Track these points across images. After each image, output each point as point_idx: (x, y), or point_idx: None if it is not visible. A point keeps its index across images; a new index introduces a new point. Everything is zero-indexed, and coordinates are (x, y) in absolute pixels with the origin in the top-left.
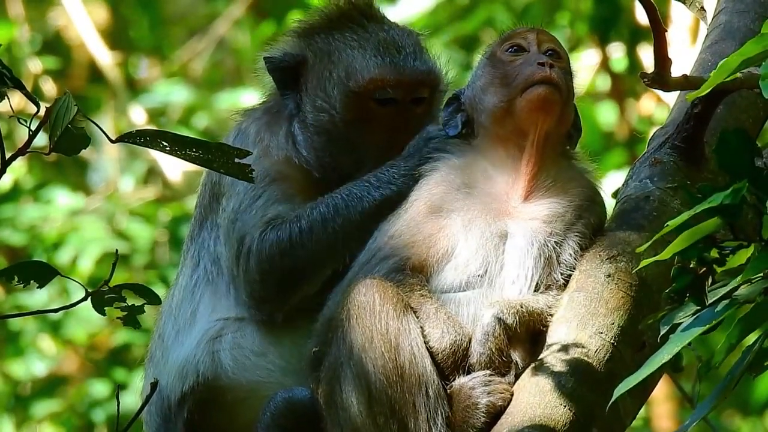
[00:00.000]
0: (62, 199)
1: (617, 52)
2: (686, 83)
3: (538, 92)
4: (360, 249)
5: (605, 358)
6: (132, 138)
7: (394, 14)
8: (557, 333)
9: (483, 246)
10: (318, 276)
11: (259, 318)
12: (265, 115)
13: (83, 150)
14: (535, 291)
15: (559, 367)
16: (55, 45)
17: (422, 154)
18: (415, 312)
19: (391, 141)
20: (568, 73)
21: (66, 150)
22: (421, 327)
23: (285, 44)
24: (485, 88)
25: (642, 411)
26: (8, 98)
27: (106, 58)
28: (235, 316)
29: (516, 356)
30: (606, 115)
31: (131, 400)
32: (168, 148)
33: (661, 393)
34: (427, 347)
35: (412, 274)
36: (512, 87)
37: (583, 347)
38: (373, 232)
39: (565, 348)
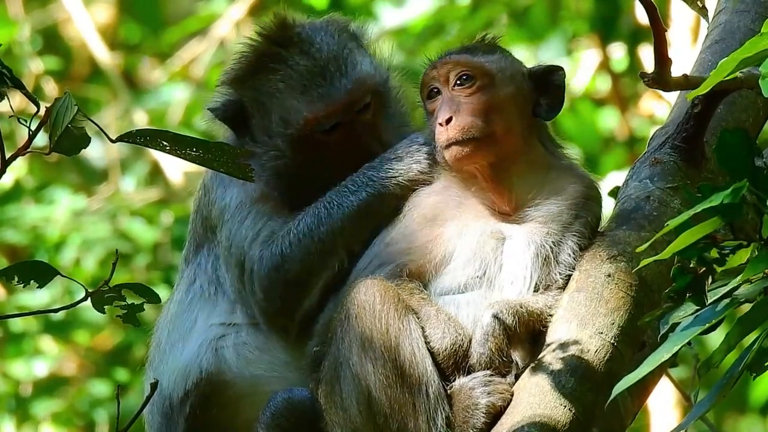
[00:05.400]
0: (64, 200)
1: (618, 52)
2: (686, 83)
3: (449, 154)
4: (351, 253)
5: (605, 358)
6: (132, 137)
7: (398, 16)
8: (557, 333)
9: (481, 248)
10: (316, 285)
11: (275, 332)
12: None
13: (84, 150)
14: (534, 291)
15: (559, 367)
16: (55, 45)
17: (415, 159)
18: (415, 313)
19: (352, 154)
20: (485, 89)
21: (66, 150)
22: (422, 328)
23: (223, 93)
24: (431, 140)
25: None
26: (8, 98)
27: (107, 58)
28: (235, 322)
29: (516, 356)
30: (606, 116)
31: (133, 399)
32: (168, 148)
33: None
34: (427, 348)
35: (409, 280)
36: (438, 146)
37: (583, 347)
38: (360, 235)
39: (565, 348)
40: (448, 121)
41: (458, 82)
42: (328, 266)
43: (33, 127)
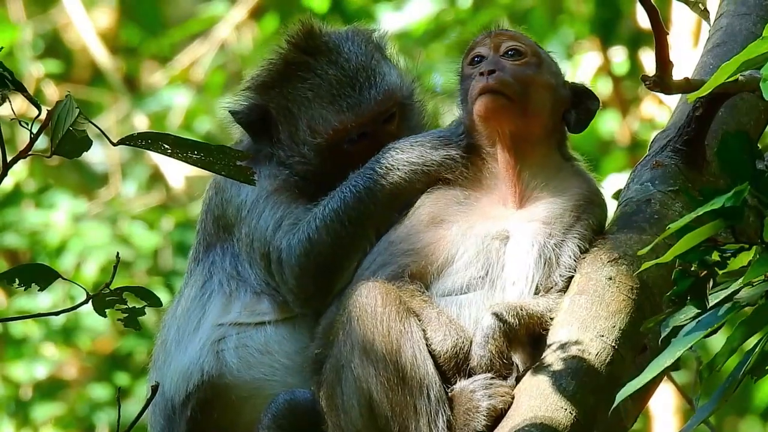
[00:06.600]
0: (64, 204)
1: (619, 55)
2: (688, 86)
3: (480, 103)
4: (380, 233)
5: (606, 361)
6: (133, 140)
7: (398, 20)
8: (558, 336)
9: (484, 249)
10: (348, 267)
11: (306, 315)
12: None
13: (84, 154)
14: (535, 294)
15: (561, 369)
16: (57, 48)
17: (450, 154)
18: (416, 315)
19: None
20: (531, 66)
21: (67, 153)
22: (423, 330)
23: (247, 97)
24: (461, 105)
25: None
26: (10, 101)
27: (107, 61)
28: (238, 321)
29: (517, 359)
30: (607, 119)
31: (133, 404)
32: (169, 151)
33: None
34: (428, 350)
35: (410, 281)
36: (469, 102)
37: (584, 350)
38: (389, 217)
39: (566, 351)
40: (491, 72)
41: (509, 52)
42: (359, 248)
43: (34, 130)
